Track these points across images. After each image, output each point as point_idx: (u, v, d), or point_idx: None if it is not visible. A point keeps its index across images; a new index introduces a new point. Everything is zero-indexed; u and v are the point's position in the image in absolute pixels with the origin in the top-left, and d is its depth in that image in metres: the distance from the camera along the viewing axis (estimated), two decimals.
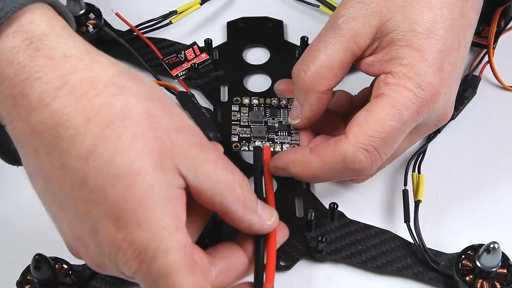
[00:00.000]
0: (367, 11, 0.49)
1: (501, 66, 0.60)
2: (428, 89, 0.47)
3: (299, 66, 0.50)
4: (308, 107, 0.51)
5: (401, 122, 0.47)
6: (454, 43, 0.48)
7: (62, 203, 0.42)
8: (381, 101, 0.47)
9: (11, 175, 0.56)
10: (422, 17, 0.48)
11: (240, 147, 0.54)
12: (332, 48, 0.49)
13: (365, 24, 0.49)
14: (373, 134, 0.47)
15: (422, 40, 0.47)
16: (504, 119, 0.60)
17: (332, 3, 0.65)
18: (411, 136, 0.51)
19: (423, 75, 0.47)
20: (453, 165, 0.57)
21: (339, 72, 0.50)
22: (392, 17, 0.48)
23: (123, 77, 0.42)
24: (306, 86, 0.50)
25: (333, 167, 0.48)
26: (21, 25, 0.41)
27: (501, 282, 0.49)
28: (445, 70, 0.48)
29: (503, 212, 0.55)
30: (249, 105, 0.56)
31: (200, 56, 0.61)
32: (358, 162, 0.47)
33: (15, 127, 0.41)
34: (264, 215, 0.46)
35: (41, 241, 0.52)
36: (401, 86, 0.47)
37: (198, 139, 0.43)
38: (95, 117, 0.40)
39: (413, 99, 0.47)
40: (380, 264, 0.51)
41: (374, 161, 0.48)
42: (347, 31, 0.49)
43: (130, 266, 0.41)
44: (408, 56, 0.47)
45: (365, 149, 0.47)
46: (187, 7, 0.64)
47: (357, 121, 0.48)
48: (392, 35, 0.48)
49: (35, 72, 0.40)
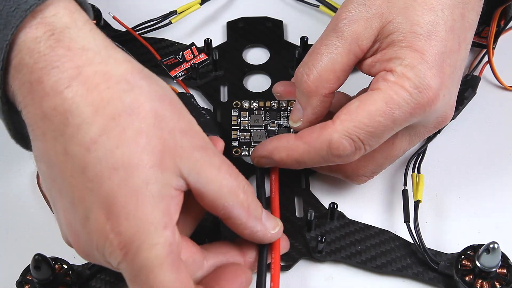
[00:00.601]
0: (369, 14, 0.49)
1: (501, 66, 0.61)
2: (426, 91, 0.47)
3: (302, 70, 0.50)
4: (310, 110, 0.51)
5: (390, 120, 0.47)
6: (455, 45, 0.48)
7: (61, 189, 0.43)
8: (375, 95, 0.47)
9: (11, 175, 0.56)
10: (423, 19, 0.48)
11: (240, 152, 0.54)
12: (335, 51, 0.49)
13: (367, 26, 0.48)
14: (360, 126, 0.47)
15: (423, 42, 0.47)
16: (504, 119, 0.60)
17: (332, 3, 0.65)
18: (411, 138, 0.51)
19: (422, 77, 0.47)
20: (453, 165, 0.57)
21: (342, 75, 0.50)
22: (393, 19, 0.48)
23: (136, 75, 0.43)
24: (309, 89, 0.50)
25: (318, 152, 0.49)
26: (44, 17, 0.43)
27: (501, 282, 0.49)
28: (445, 72, 0.48)
29: (503, 212, 0.55)
30: (249, 109, 0.56)
31: (198, 57, 0.61)
32: (342, 149, 0.48)
33: (29, 111, 0.43)
34: (268, 223, 0.47)
35: (41, 241, 0.52)
36: (398, 84, 0.47)
37: (203, 143, 0.44)
38: (103, 109, 0.41)
39: (408, 100, 0.47)
40: (380, 264, 0.51)
41: (358, 150, 0.48)
42: (349, 34, 0.49)
43: (116, 257, 0.42)
44: (408, 57, 0.47)
45: (350, 137, 0.48)
46: (187, 7, 0.64)
47: (347, 109, 0.48)
48: (393, 36, 0.48)
49: (53, 61, 0.42)
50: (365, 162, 0.52)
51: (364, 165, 0.52)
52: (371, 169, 0.52)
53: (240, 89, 0.60)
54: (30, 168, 0.56)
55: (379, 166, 0.52)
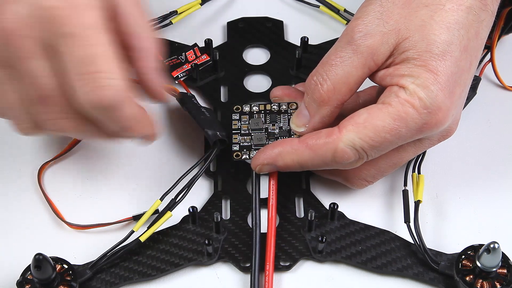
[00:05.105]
0: (385, 29, 0.48)
1: (501, 66, 0.61)
2: (436, 112, 0.47)
3: (316, 78, 0.50)
4: (319, 118, 0.51)
5: (395, 137, 0.48)
6: (466, 64, 0.48)
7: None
8: (384, 110, 0.48)
9: (11, 175, 0.56)
10: (440, 38, 0.47)
11: (241, 156, 0.54)
12: (350, 65, 0.49)
13: (383, 42, 0.48)
14: (365, 139, 0.48)
15: (437, 62, 0.47)
16: (504, 119, 0.60)
17: (332, 3, 0.65)
18: (416, 149, 0.52)
19: (433, 98, 0.47)
20: (453, 165, 0.57)
21: (355, 88, 0.50)
22: (410, 36, 0.48)
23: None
24: (322, 98, 0.50)
25: (322, 159, 0.49)
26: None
27: (501, 282, 0.49)
28: (456, 94, 0.48)
29: (503, 212, 0.55)
30: (249, 113, 0.56)
31: (201, 58, 0.61)
32: (347, 158, 0.49)
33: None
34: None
35: (41, 241, 0.52)
36: (409, 103, 0.47)
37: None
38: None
39: (417, 119, 0.47)
40: (380, 265, 0.51)
41: (361, 159, 0.49)
42: (364, 48, 0.48)
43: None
44: (422, 76, 0.47)
45: (355, 148, 0.48)
46: (187, 7, 0.64)
47: (354, 120, 0.48)
48: (408, 53, 0.48)
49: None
50: (368, 167, 0.52)
51: (366, 170, 0.52)
52: (373, 174, 0.53)
53: (240, 90, 0.60)
54: (30, 168, 0.56)
55: (381, 172, 0.53)
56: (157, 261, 0.51)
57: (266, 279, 0.50)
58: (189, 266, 0.52)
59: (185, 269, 0.52)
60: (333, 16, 0.65)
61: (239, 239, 0.52)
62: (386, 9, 0.49)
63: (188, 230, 0.53)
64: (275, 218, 0.52)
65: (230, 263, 0.52)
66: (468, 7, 0.48)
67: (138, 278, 0.51)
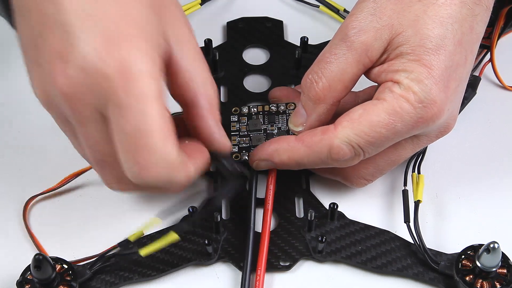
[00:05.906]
0: (379, 24, 0.48)
1: (501, 66, 0.61)
2: (430, 106, 0.47)
3: (311, 77, 0.50)
4: (316, 117, 0.51)
5: (391, 132, 0.48)
6: (461, 59, 0.48)
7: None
8: (379, 106, 0.48)
9: (11, 175, 0.56)
10: (433, 32, 0.47)
11: (240, 157, 0.54)
12: (344, 62, 0.49)
13: (377, 37, 0.48)
14: (360, 135, 0.48)
15: (431, 56, 0.47)
16: (504, 119, 0.60)
17: (332, 3, 0.65)
18: (413, 146, 0.51)
19: (427, 92, 0.47)
20: (453, 165, 0.57)
21: (350, 85, 0.50)
22: (403, 31, 0.48)
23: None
24: (318, 97, 0.50)
25: (318, 155, 0.49)
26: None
27: (501, 282, 0.49)
28: (451, 87, 0.48)
29: (503, 212, 0.55)
30: (248, 114, 0.56)
31: None
32: (342, 154, 0.49)
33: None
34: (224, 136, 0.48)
35: (41, 241, 0.52)
36: (404, 97, 0.47)
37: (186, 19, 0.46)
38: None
39: (412, 114, 0.47)
40: (380, 264, 0.51)
41: (357, 156, 0.49)
42: (358, 44, 0.48)
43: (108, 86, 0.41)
44: (416, 71, 0.47)
45: (350, 144, 0.48)
46: (187, 7, 0.64)
47: (350, 116, 0.48)
48: (402, 48, 0.48)
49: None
50: (366, 165, 0.52)
51: (364, 168, 0.52)
52: (371, 172, 0.53)
53: (240, 90, 0.60)
54: (30, 168, 0.56)
55: (379, 170, 0.53)
56: (157, 261, 0.51)
57: (258, 278, 0.50)
58: (189, 266, 0.52)
59: (185, 269, 0.52)
60: (333, 16, 0.65)
61: (239, 239, 0.52)
62: (380, 5, 0.49)
63: (188, 230, 0.53)
64: (270, 218, 0.52)
65: (230, 263, 0.52)
66: (461, 1, 0.48)
67: (138, 278, 0.51)
